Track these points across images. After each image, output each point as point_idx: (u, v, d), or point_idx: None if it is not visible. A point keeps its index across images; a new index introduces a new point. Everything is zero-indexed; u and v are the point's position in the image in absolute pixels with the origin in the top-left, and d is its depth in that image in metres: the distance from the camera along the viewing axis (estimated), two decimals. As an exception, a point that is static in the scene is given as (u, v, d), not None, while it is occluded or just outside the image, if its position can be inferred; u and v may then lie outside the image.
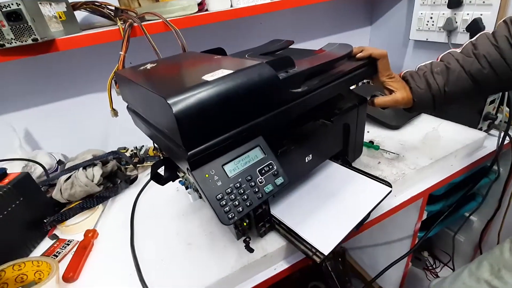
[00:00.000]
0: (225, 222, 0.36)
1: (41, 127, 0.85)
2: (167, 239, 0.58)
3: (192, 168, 0.37)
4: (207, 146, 0.37)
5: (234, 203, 0.38)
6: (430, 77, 0.55)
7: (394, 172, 0.68)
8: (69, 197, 0.65)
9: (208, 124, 0.36)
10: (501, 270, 0.63)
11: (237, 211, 0.38)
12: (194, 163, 0.36)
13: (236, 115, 0.39)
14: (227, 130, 0.38)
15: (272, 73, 0.41)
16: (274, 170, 0.42)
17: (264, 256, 0.52)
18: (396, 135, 0.83)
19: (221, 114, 0.37)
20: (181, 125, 0.34)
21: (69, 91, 0.85)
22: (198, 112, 0.35)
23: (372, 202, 0.57)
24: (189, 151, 0.35)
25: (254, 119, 0.41)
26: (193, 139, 0.36)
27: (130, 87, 0.47)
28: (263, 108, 0.42)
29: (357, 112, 0.66)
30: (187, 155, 0.35)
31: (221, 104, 0.36)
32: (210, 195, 0.37)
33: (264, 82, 0.40)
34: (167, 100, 0.33)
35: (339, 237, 0.50)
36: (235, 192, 0.38)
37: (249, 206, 0.38)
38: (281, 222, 0.55)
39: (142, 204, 0.70)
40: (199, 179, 0.37)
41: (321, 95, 0.50)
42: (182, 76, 0.43)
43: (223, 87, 0.37)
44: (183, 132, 0.34)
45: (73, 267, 0.52)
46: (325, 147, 0.64)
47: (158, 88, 0.38)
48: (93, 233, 0.60)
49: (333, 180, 0.64)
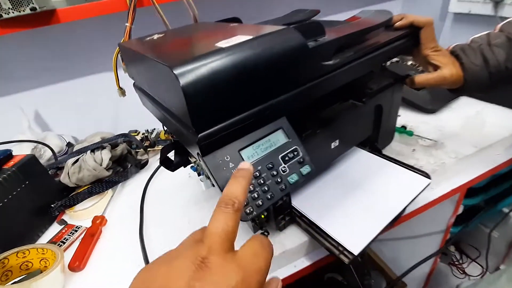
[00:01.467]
0: (242, 217, 0.31)
1: (50, 108, 0.82)
2: (178, 228, 0.54)
3: (203, 153, 0.31)
4: (221, 128, 0.31)
5: (252, 195, 0.32)
6: (487, 51, 0.46)
7: (431, 162, 0.60)
8: (77, 181, 0.62)
9: (223, 100, 0.30)
10: None
11: (256, 205, 0.32)
12: (205, 147, 0.31)
13: (256, 90, 0.32)
14: (245, 109, 0.32)
15: (300, 40, 0.34)
16: (299, 157, 0.35)
17: (283, 252, 0.46)
18: (432, 119, 0.74)
19: (238, 89, 0.30)
20: (190, 101, 0.27)
21: (78, 70, 0.81)
22: (210, 85, 0.28)
23: (408, 195, 0.49)
24: (200, 133, 0.30)
25: (277, 96, 0.34)
26: (204, 119, 0.29)
27: (134, 60, 0.41)
28: (288, 83, 0.35)
29: (392, 92, 0.57)
30: (197, 137, 0.29)
31: (238, 77, 0.30)
32: (223, 185, 0.31)
33: (290, 51, 0.33)
34: (173, 70, 0.27)
35: (371, 235, 0.44)
36: (253, 183, 0.32)
37: (270, 199, 0.33)
38: (302, 214, 0.49)
39: (152, 190, 0.66)
40: (212, 166, 0.31)
41: (355, 70, 0.42)
42: (192, 45, 0.37)
43: (240, 55, 0.30)
44: (192, 110, 0.28)
45: (80, 255, 0.49)
46: (353, 132, 0.57)
47: (163, 57, 0.32)
48: (101, 219, 0.57)
49: (361, 169, 0.57)
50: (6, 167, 0.53)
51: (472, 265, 1.23)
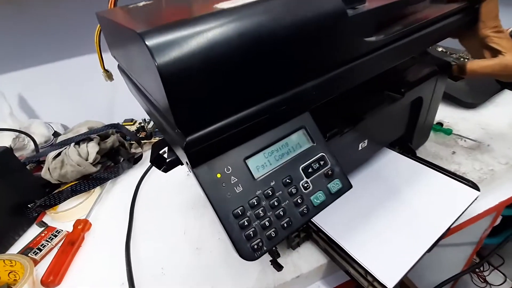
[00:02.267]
0: (247, 255, 0.22)
1: (36, 92, 0.74)
2: (171, 239, 0.46)
3: (193, 163, 0.22)
4: (219, 128, 0.21)
5: (262, 223, 0.23)
6: None
7: (477, 168, 0.49)
8: (59, 177, 0.54)
9: (222, 88, 0.20)
10: None
11: (266, 236, 0.23)
12: (196, 155, 0.21)
13: (271, 74, 0.22)
14: (254, 101, 0.22)
15: (339, 4, 0.23)
16: (327, 167, 0.26)
17: (297, 277, 0.38)
18: (473, 115, 0.63)
19: (245, 72, 0.21)
20: (172, 89, 0.18)
21: (67, 50, 0.72)
22: (203, 65, 0.19)
23: (453, 211, 0.40)
24: (188, 136, 0.20)
25: (300, 83, 0.24)
26: (195, 116, 0.20)
27: (110, 33, 0.32)
28: (317, 64, 0.25)
29: (435, 82, 0.46)
30: (184, 142, 0.20)
31: (245, 53, 0.20)
32: (224, 209, 0.22)
33: (324, 18, 0.23)
34: (144, 40, 0.17)
35: (408, 263, 0.35)
36: (264, 205, 0.23)
37: (287, 228, 0.23)
38: (321, 230, 0.40)
39: (145, 189, 0.58)
40: (206, 182, 0.22)
41: (402, 51, 0.32)
42: (183, 10, 0.27)
43: (251, 20, 0.20)
44: (176, 103, 0.19)
45: (55, 268, 0.42)
46: (385, 130, 0.47)
47: (138, 23, 0.22)
48: (84, 224, 0.49)
49: (392, 176, 0.47)
50: (-27, 161, 0.46)
51: (494, 273, 1.14)
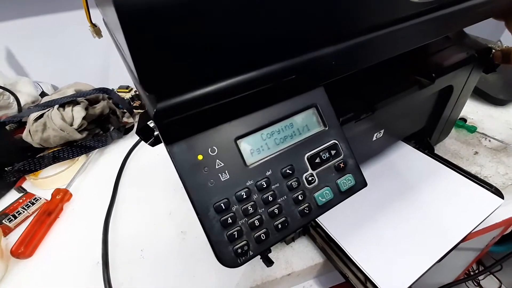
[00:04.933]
0: (228, 262, 0.17)
1: (26, 47, 0.68)
2: (156, 220, 0.42)
3: (167, 138, 0.17)
4: (202, 95, 0.16)
5: (250, 221, 0.18)
6: None
7: (501, 172, 0.44)
8: (41, 141, 0.50)
9: (208, 38, 0.15)
10: None
11: (254, 238, 0.18)
12: (171, 129, 0.16)
13: (278, 27, 0.17)
14: (252, 64, 0.17)
15: None
16: (339, 159, 0.20)
17: (288, 275, 0.34)
18: (502, 113, 0.56)
19: (241, 17, 0.15)
20: (132, 33, 0.12)
21: (60, 1, 0.65)
22: (181, 7, 0.13)
23: (471, 219, 0.35)
24: (159, 101, 0.15)
25: (316, 47, 0.19)
26: (168, 74, 0.15)
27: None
28: (340, 24, 0.19)
29: (470, 70, 0.40)
30: (153, 108, 0.15)
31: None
32: (202, 200, 0.17)
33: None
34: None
35: (414, 274, 0.31)
36: (256, 199, 0.18)
37: (281, 229, 0.19)
38: (319, 225, 0.36)
39: (133, 163, 0.54)
40: (182, 164, 0.17)
41: (441, 24, 0.25)
42: None
43: None
44: (139, 54, 0.13)
45: (26, 239, 0.38)
46: (405, 120, 0.41)
47: None
48: (63, 194, 0.45)
49: (405, 173, 0.42)
50: None
51: (489, 278, 1.11)
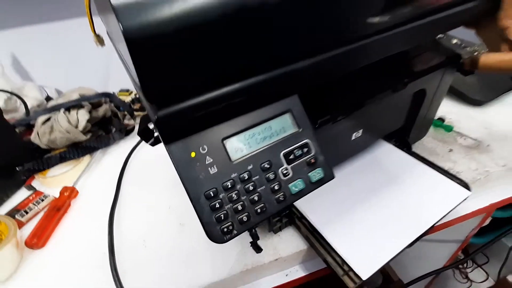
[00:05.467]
0: (215, 237, 0.21)
1: (31, 53, 0.71)
2: (156, 213, 0.46)
3: (166, 139, 0.21)
4: (194, 104, 0.20)
5: (235, 206, 0.22)
6: None
7: (472, 167, 0.48)
8: (48, 143, 0.54)
9: (199, 59, 0.19)
10: None
11: (238, 220, 0.22)
12: (170, 132, 0.20)
13: (257, 48, 0.21)
14: (235, 77, 0.21)
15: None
16: (310, 155, 0.24)
17: (275, 260, 0.38)
18: (479, 114, 0.60)
19: (226, 42, 0.19)
20: (138, 56, 0.16)
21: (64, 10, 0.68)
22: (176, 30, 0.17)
23: (439, 209, 0.39)
24: (159, 110, 0.19)
25: (290, 62, 0.23)
26: (166, 88, 0.19)
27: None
28: (312, 42, 0.23)
29: (442, 74, 0.44)
30: (155, 116, 0.19)
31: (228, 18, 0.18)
32: (195, 189, 0.21)
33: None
34: (111, 2, 0.16)
35: (386, 257, 0.35)
36: (239, 189, 0.22)
37: (260, 213, 0.23)
38: (304, 217, 0.40)
39: (135, 161, 0.58)
40: (178, 160, 0.21)
41: (410, 36, 0.29)
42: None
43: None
44: (144, 72, 0.17)
45: (39, 231, 0.42)
46: (383, 121, 0.45)
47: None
48: (70, 191, 0.49)
49: (383, 169, 0.46)
50: (-42, 120, 0.45)
51: (477, 271, 1.16)
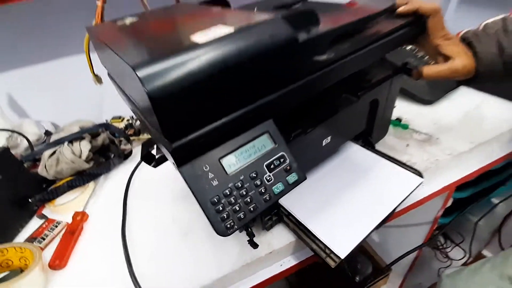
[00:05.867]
0: (221, 232, 0.29)
1: (25, 92, 0.76)
2: (162, 226, 0.52)
3: (178, 163, 0.28)
4: (198, 136, 0.27)
5: (233, 208, 0.30)
6: (503, 37, 0.42)
7: (425, 158, 0.58)
8: (55, 174, 0.59)
9: (199, 105, 0.26)
10: None
11: (237, 218, 0.30)
12: (181, 157, 0.28)
13: (238, 92, 0.29)
14: (225, 113, 0.29)
15: (288, 34, 0.30)
16: (286, 164, 0.33)
17: (269, 253, 0.45)
18: (429, 111, 0.71)
19: (217, 92, 0.27)
20: (159, 108, 0.24)
21: (55, 50, 0.74)
22: (183, 88, 0.25)
23: (398, 195, 0.48)
24: (174, 143, 0.26)
25: (262, 97, 0.31)
26: (178, 127, 0.26)
27: (102, 49, 0.36)
28: (275, 82, 0.31)
29: (390, 84, 0.54)
30: (171, 147, 0.26)
31: (216, 78, 0.26)
32: (203, 198, 0.29)
33: (278, 46, 0.29)
34: (136, 72, 0.23)
35: (358, 238, 0.43)
36: (235, 194, 0.30)
37: (253, 211, 0.30)
38: (290, 214, 0.48)
39: (136, 182, 0.64)
40: (189, 178, 0.28)
41: (352, 64, 0.38)
42: (166, 35, 0.32)
43: (219, 52, 0.26)
44: (163, 118, 0.25)
45: (60, 253, 0.48)
46: (346, 128, 0.54)
47: (129, 53, 0.28)
48: (82, 216, 0.54)
49: (352, 166, 0.55)
50: (-26, 161, 0.50)
51: (456, 250, 1.27)
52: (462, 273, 0.72)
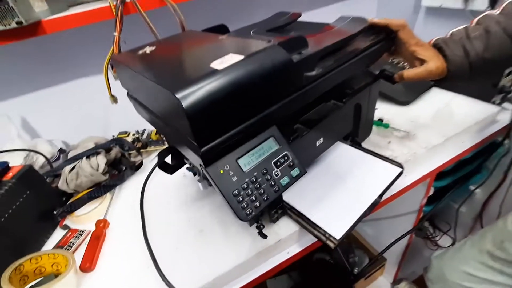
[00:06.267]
0: (243, 218, 0.36)
1: (37, 114, 0.81)
2: (179, 226, 0.58)
3: (206, 164, 0.35)
4: (220, 141, 0.34)
5: (250, 198, 0.37)
6: (467, 42, 0.50)
7: (405, 152, 0.67)
8: (75, 187, 0.64)
9: (220, 117, 0.34)
10: (504, 241, 0.64)
11: (254, 206, 0.37)
12: (207, 160, 0.35)
13: (249, 105, 0.36)
14: (240, 123, 0.36)
15: (286, 57, 0.37)
16: (289, 161, 0.40)
17: (277, 241, 0.52)
18: (406, 111, 0.81)
19: (233, 106, 0.34)
20: (193, 121, 0.31)
21: (62, 75, 0.80)
22: (209, 105, 0.32)
23: (382, 184, 0.56)
24: (202, 148, 0.33)
25: (267, 108, 0.38)
26: (206, 135, 0.33)
27: (130, 75, 0.43)
28: (276, 95, 0.39)
29: (369, 91, 0.62)
30: (200, 151, 0.33)
31: (233, 95, 0.33)
32: (227, 191, 0.36)
33: (278, 68, 0.36)
34: (175, 94, 0.30)
35: (351, 221, 0.50)
36: (251, 187, 0.37)
37: (266, 200, 0.37)
38: (292, 207, 0.55)
39: (149, 191, 0.69)
40: (214, 176, 0.35)
41: (336, 77, 0.46)
42: (187, 62, 0.40)
43: (234, 76, 0.33)
44: (195, 129, 0.32)
45: (89, 257, 0.53)
46: (336, 129, 0.62)
47: (163, 79, 0.35)
48: (104, 223, 0.60)
49: (342, 162, 0.63)
50: (5, 179, 0.55)
51: (444, 238, 1.35)
52: (447, 253, 0.80)
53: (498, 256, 0.64)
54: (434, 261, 0.82)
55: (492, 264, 0.65)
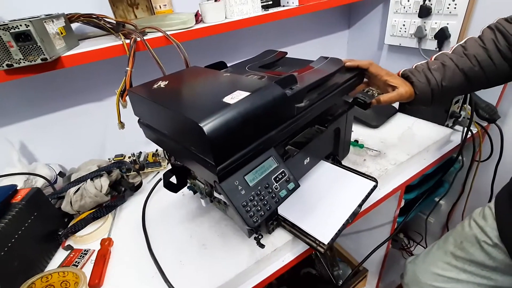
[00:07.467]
0: (251, 225, 0.43)
1: (35, 139, 0.84)
2: (182, 242, 0.63)
3: (220, 180, 0.42)
4: (232, 160, 0.42)
5: (256, 208, 0.44)
6: (428, 73, 0.62)
7: (378, 168, 0.77)
8: (79, 208, 0.67)
9: (233, 141, 0.42)
10: (463, 242, 0.74)
11: (259, 215, 0.44)
12: (222, 176, 0.42)
13: (254, 131, 0.44)
14: (247, 145, 0.44)
15: (281, 92, 0.47)
16: (286, 176, 0.48)
17: (274, 250, 0.59)
18: (377, 133, 0.93)
19: (243, 132, 0.43)
20: (213, 144, 0.39)
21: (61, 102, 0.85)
22: (224, 132, 0.40)
23: (361, 195, 0.65)
24: (218, 166, 0.41)
25: (267, 133, 0.47)
26: (222, 156, 0.41)
27: (148, 106, 0.51)
28: (275, 123, 0.48)
29: (346, 116, 0.74)
30: (216, 170, 0.41)
31: (242, 123, 0.42)
32: (237, 203, 0.43)
33: (276, 101, 0.46)
34: (199, 123, 0.38)
35: (336, 228, 0.58)
36: (256, 199, 0.44)
37: (269, 209, 0.45)
38: (285, 219, 0.62)
39: (150, 210, 0.74)
40: (227, 190, 0.42)
41: (321, 106, 0.57)
42: (201, 96, 0.48)
43: (243, 108, 0.42)
44: (214, 150, 0.39)
45: (97, 274, 0.56)
46: (319, 150, 0.72)
47: (185, 110, 0.43)
48: (109, 241, 0.63)
49: (326, 178, 0.72)
50: (15, 201, 0.57)
51: (418, 248, 1.47)
52: (419, 257, 0.89)
53: (459, 256, 0.74)
54: (408, 265, 0.91)
55: (455, 264, 0.75)
